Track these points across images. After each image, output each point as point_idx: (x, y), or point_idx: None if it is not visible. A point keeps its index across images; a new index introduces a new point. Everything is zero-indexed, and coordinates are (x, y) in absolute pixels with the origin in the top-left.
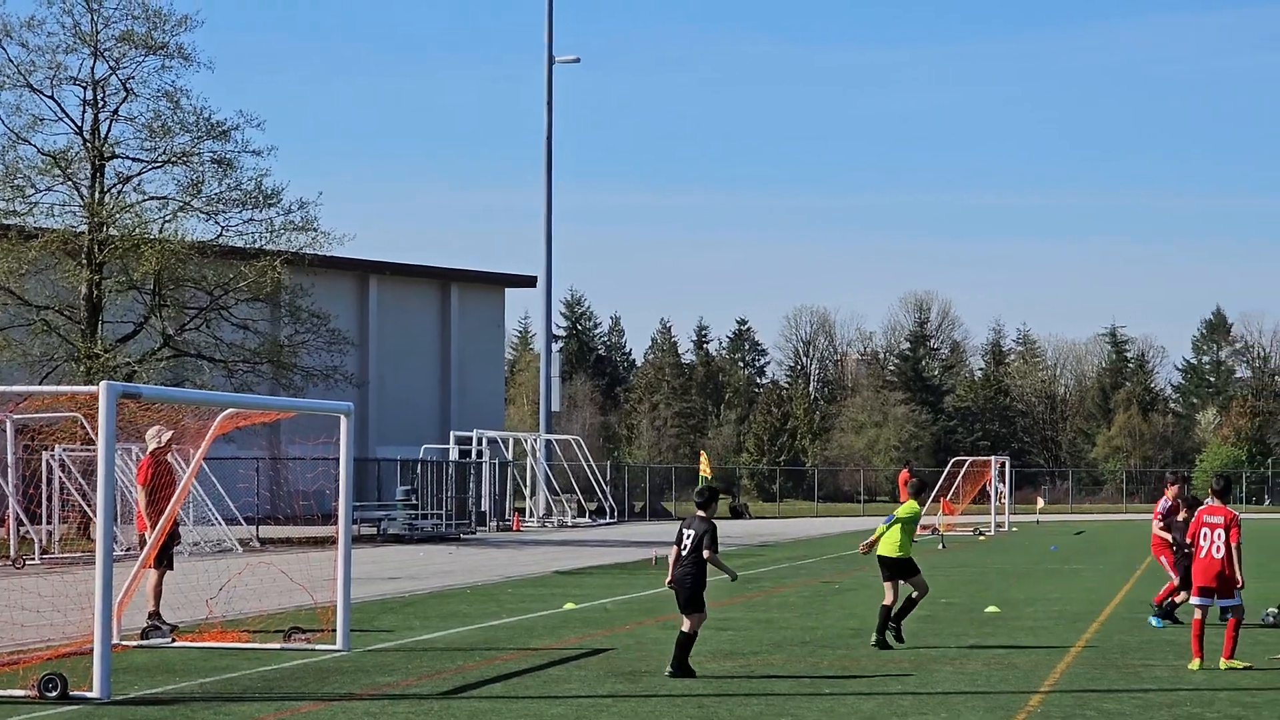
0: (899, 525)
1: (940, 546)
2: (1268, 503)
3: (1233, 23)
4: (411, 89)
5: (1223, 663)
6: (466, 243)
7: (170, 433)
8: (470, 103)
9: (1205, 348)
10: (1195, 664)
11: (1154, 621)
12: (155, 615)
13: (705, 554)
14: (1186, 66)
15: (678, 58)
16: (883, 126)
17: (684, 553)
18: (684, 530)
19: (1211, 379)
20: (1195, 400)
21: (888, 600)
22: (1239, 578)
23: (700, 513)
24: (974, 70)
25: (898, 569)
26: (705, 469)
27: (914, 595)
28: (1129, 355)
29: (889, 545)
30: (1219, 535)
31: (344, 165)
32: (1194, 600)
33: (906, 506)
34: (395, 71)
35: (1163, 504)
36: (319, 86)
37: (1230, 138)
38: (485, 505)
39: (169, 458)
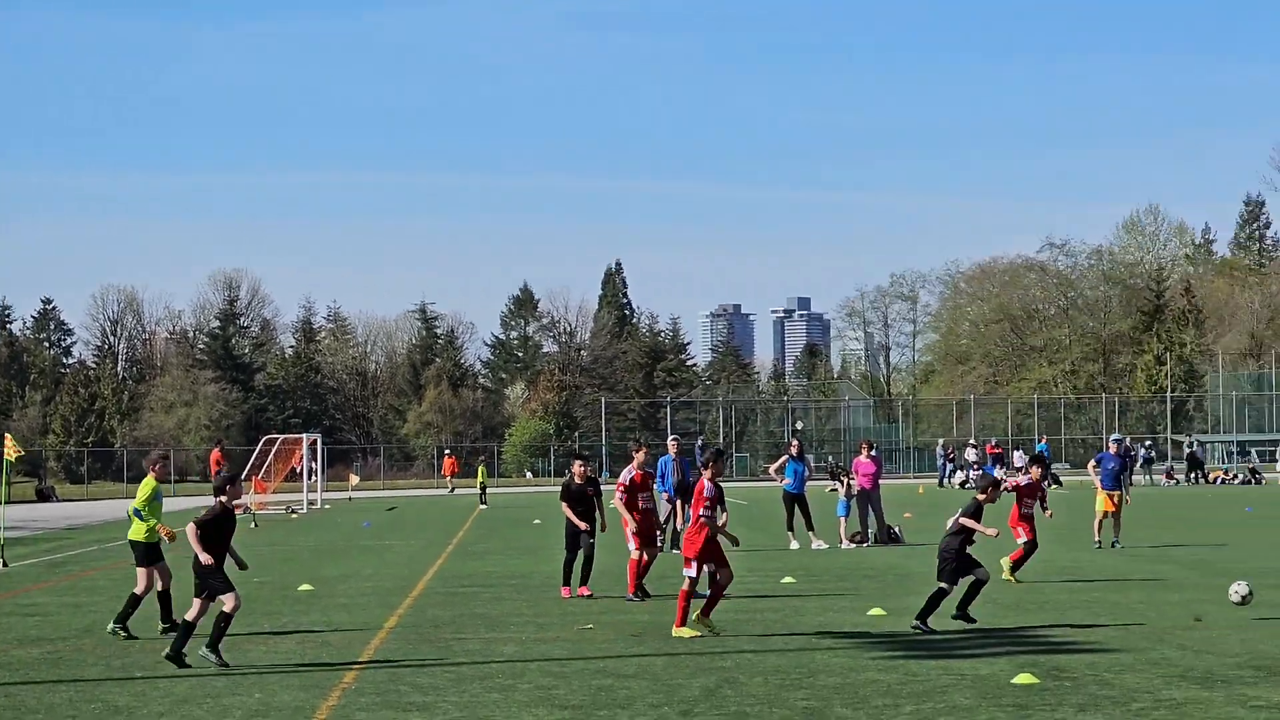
0: (144, 509)
1: (253, 525)
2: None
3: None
4: None
5: (674, 630)
6: None
7: None
8: None
9: (513, 324)
10: (684, 632)
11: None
12: None
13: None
14: (492, 50)
15: None
16: (181, 101)
17: None
18: None
19: (520, 354)
20: (504, 375)
21: (139, 588)
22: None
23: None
24: (287, 49)
25: (149, 554)
26: (11, 452)
27: (157, 588)
28: (439, 332)
29: (138, 530)
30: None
31: None
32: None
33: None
34: None
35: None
36: None
37: (517, 120)
38: None
39: None
